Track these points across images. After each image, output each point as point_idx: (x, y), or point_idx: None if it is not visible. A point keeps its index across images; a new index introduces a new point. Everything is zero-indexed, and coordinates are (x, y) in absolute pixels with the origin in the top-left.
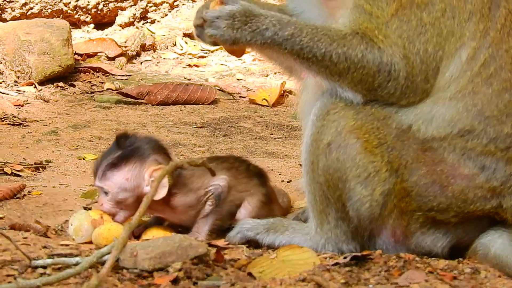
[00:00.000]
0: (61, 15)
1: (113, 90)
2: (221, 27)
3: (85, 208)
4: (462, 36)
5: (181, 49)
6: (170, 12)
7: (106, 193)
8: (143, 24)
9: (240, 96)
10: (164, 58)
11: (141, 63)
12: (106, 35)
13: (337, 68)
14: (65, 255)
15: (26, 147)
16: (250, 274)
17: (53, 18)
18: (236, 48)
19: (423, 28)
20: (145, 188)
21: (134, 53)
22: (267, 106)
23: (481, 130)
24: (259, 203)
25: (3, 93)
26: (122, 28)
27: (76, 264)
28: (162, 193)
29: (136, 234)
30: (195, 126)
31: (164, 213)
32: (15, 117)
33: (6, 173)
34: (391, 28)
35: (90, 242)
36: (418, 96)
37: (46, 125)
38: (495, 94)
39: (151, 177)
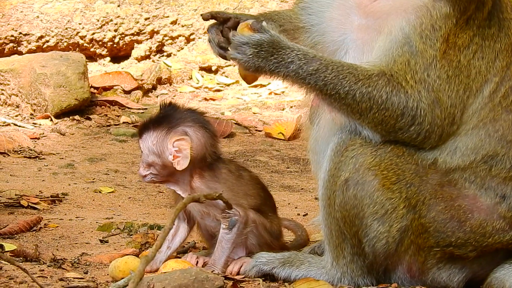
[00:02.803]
0: (77, 48)
1: (129, 123)
2: (247, 53)
3: (101, 242)
4: (487, 74)
5: (197, 83)
6: (186, 45)
7: (150, 165)
8: (159, 57)
9: (256, 130)
10: (180, 92)
11: (157, 96)
12: (122, 68)
13: (359, 107)
14: None
15: (43, 180)
16: None
17: (69, 51)
18: (251, 74)
19: (451, 79)
20: (168, 156)
21: (150, 86)
22: (283, 139)
23: (504, 154)
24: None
25: (19, 126)
26: (138, 62)
27: None
28: (184, 163)
29: (153, 270)
30: None
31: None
32: (31, 150)
33: (22, 206)
34: (420, 74)
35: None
36: (442, 140)
37: (62, 158)
38: None
39: (174, 147)
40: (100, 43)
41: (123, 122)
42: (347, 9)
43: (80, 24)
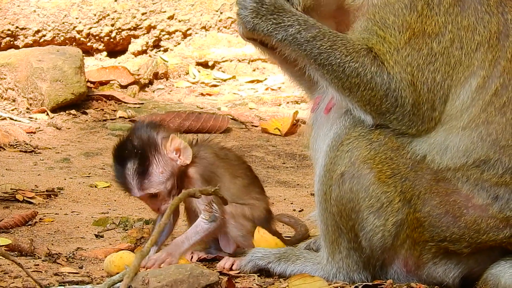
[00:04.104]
0: (74, 43)
1: (125, 118)
2: (247, 7)
3: (96, 236)
4: (470, 65)
5: (194, 78)
6: (183, 40)
7: (155, 195)
8: (156, 52)
9: (252, 125)
10: (177, 87)
11: (153, 91)
12: (119, 63)
13: (349, 82)
14: (77, 283)
15: (38, 174)
16: None
17: (66, 45)
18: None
19: (433, 58)
20: (178, 161)
21: (146, 81)
22: (279, 135)
23: (497, 160)
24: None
25: (16, 120)
26: (135, 56)
27: None
28: (188, 154)
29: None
30: None
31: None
32: (27, 144)
33: (18, 200)
34: (402, 54)
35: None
36: (425, 124)
37: (58, 153)
38: (509, 123)
39: (174, 150)
40: (97, 37)
41: (120, 117)
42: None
43: (77, 18)
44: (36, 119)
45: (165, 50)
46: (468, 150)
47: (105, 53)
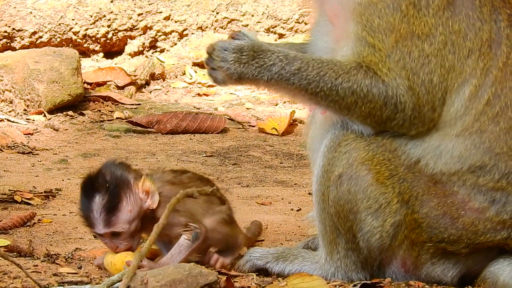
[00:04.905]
0: (71, 44)
1: (122, 119)
2: (228, 60)
3: (95, 237)
4: (462, 72)
5: (191, 78)
6: (179, 41)
7: (117, 234)
8: (152, 53)
9: (249, 125)
10: (174, 87)
11: (150, 92)
12: (116, 64)
13: (345, 102)
14: (76, 283)
15: (36, 176)
16: None
17: (62, 47)
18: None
19: (426, 59)
20: (146, 203)
21: (143, 82)
22: (276, 135)
23: (493, 166)
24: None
25: (13, 122)
26: (132, 57)
27: None
28: (156, 201)
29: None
30: (205, 155)
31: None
32: (24, 145)
33: (16, 201)
34: (393, 60)
35: None
36: (426, 125)
37: (56, 154)
38: (503, 132)
39: (144, 191)
40: (93, 38)
41: (117, 118)
42: (324, 35)
43: (73, 19)
44: (33, 120)
45: (162, 51)
46: (462, 157)
47: (101, 54)
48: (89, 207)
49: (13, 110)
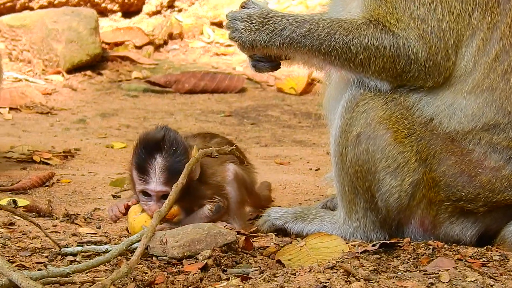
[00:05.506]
0: (88, 4)
1: (140, 78)
2: (239, 28)
3: (114, 197)
4: (470, 24)
5: (209, 38)
6: (197, 0)
7: (165, 196)
8: (170, 12)
9: (267, 85)
10: (192, 47)
11: (168, 51)
12: (134, 23)
13: (358, 59)
14: (95, 243)
15: (55, 136)
16: (279, 261)
17: (80, 6)
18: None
19: (432, 6)
20: (192, 174)
21: (161, 41)
22: (294, 94)
23: (507, 124)
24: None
25: (31, 82)
26: (149, 17)
27: (106, 251)
28: (197, 173)
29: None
30: (223, 115)
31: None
32: (43, 105)
33: (35, 162)
34: (400, 10)
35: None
36: (442, 74)
37: (74, 114)
38: None
39: None
40: None
41: (135, 78)
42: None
43: None
44: (51, 80)
45: (180, 10)
46: (476, 115)
47: (119, 13)
48: (150, 163)
49: (31, 70)
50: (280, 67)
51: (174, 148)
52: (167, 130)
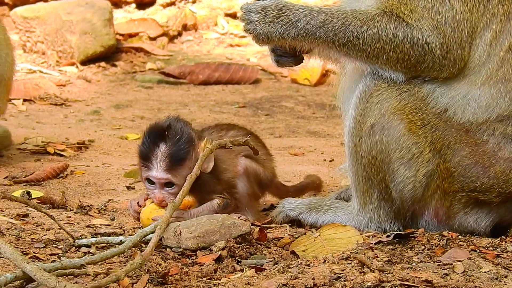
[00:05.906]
0: None
1: (155, 70)
2: (253, 20)
3: (128, 188)
4: (483, 15)
5: (223, 29)
6: None
7: (170, 185)
8: (184, 3)
9: (282, 76)
10: (206, 38)
11: (182, 43)
12: (148, 15)
13: (373, 50)
14: (109, 234)
15: (69, 127)
16: (293, 252)
17: None
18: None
19: None
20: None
21: (175, 33)
22: (309, 85)
23: None
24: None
25: (45, 73)
26: (164, 8)
27: (120, 243)
28: (210, 165)
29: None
30: (237, 106)
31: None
32: (57, 97)
33: (49, 153)
34: (413, 1)
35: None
36: (457, 65)
37: (88, 105)
38: None
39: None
40: None
41: (149, 69)
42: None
43: None
44: (65, 72)
45: (194, 1)
46: (489, 106)
47: (133, 5)
48: (153, 150)
49: (45, 61)
50: (303, 62)
51: (178, 137)
52: (175, 119)
